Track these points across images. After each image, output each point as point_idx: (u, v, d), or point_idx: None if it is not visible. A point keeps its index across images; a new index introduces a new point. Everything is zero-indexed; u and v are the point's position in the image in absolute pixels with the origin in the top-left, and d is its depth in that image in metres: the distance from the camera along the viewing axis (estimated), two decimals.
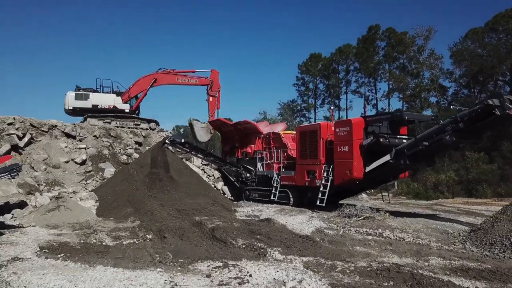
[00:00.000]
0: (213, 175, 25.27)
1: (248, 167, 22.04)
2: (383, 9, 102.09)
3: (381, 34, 50.09)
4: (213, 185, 24.55)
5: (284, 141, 19.60)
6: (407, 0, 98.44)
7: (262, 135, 21.27)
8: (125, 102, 26.59)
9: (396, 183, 37.65)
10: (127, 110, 26.74)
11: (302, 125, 18.03)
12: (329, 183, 15.55)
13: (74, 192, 17.70)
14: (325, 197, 15.47)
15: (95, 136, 22.47)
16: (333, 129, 16.05)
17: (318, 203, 15.63)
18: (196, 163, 25.31)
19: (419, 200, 29.58)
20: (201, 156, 21.12)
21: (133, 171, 18.11)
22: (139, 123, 26.73)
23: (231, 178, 23.60)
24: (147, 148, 25.08)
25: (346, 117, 62.84)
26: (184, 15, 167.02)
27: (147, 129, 26.92)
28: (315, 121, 63.79)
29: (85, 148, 20.91)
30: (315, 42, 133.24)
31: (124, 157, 22.60)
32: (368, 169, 14.55)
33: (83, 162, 20.03)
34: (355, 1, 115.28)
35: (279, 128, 23.03)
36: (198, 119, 26.30)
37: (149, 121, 27.31)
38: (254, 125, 21.67)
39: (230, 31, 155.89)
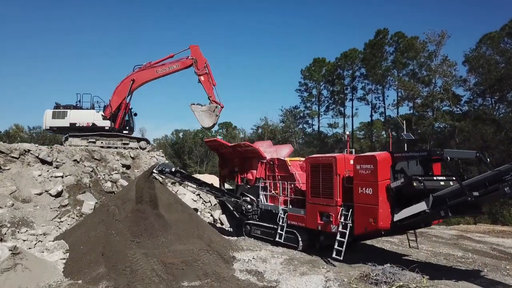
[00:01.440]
0: (209, 201, 22.63)
1: (249, 196, 19.37)
2: (390, 12, 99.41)
3: (390, 39, 47.38)
4: (209, 214, 21.92)
5: (291, 170, 16.89)
6: (415, 3, 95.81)
7: (265, 161, 18.58)
8: (108, 118, 23.78)
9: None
10: (107, 127, 23.89)
11: (313, 156, 15.24)
12: (347, 231, 12.85)
13: (44, 234, 15.04)
14: (343, 249, 12.78)
15: (75, 160, 19.76)
16: (351, 162, 13.41)
17: (334, 255, 12.94)
18: (190, 188, 22.63)
19: (438, 226, 26.94)
20: (194, 186, 18.39)
21: (114, 209, 15.35)
22: (128, 142, 23.97)
23: (230, 207, 20.95)
24: (136, 171, 22.45)
25: (352, 126, 60.52)
26: (183, 18, 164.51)
27: (136, 148, 24.20)
28: (318, 129, 61.52)
29: (62, 177, 18.21)
30: (318, 46, 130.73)
31: (109, 184, 19.90)
32: (397, 218, 11.86)
33: (58, 194, 17.33)
34: (360, 4, 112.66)
35: (285, 151, 20.36)
36: (200, 103, 23.91)
37: (138, 139, 24.56)
38: (256, 149, 18.95)
39: (232, 35, 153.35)
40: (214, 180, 25.22)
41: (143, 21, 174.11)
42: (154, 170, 16.77)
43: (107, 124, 23.75)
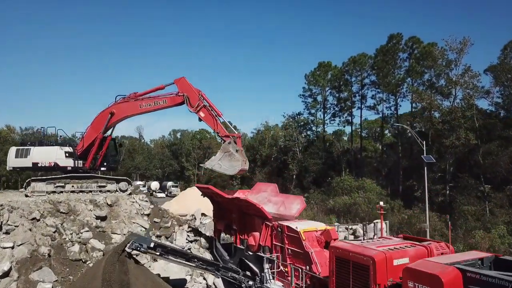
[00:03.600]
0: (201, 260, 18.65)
1: (251, 265, 15.50)
2: (401, 17, 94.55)
3: (404, 45, 43.19)
4: (201, 277, 18.02)
5: (306, 247, 12.95)
6: (430, 6, 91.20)
7: (271, 225, 14.68)
8: (79, 155, 19.74)
9: (428, 231, 31.24)
10: (69, 168, 19.85)
11: (339, 244, 11.22)
12: None
13: None
14: None
15: (34, 219, 15.85)
16: (396, 263, 9.56)
17: None
18: (179, 242, 18.76)
19: None
20: (182, 260, 14.41)
21: None
22: (104, 184, 19.97)
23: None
24: (113, 223, 18.54)
25: (360, 138, 55.94)
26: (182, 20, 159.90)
27: (116, 191, 20.23)
28: (323, 137, 57.21)
29: (12, 247, 14.29)
30: (324, 50, 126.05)
31: (76, 248, 15.97)
32: None
33: (5, 275, 13.43)
34: (370, 5, 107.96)
35: (295, 207, 16.36)
36: (211, 157, 19.35)
37: (118, 180, 20.54)
38: (259, 208, 15.01)
39: (233, 37, 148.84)
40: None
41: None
42: (126, 248, 12.84)
43: (69, 163, 19.69)
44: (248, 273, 15.40)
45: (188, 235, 19.34)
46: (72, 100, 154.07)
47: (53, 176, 19.22)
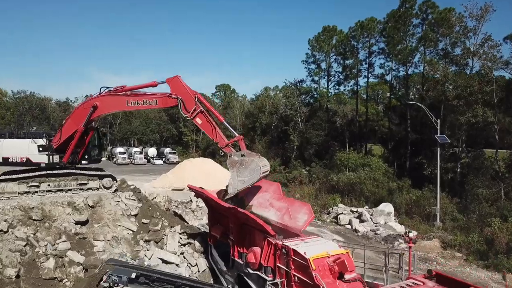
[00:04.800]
0: (196, 265, 16.78)
1: (250, 283, 13.57)
2: None
3: (418, 10, 39.51)
4: None
5: (316, 279, 10.85)
6: None
7: (274, 243, 12.57)
8: (56, 149, 17.34)
9: (439, 214, 29.44)
10: (43, 164, 17.41)
11: None
12: None
13: None
14: None
15: (0, 231, 13.71)
16: None
17: None
18: (170, 247, 16.78)
19: (483, 269, 21.50)
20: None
21: None
22: (85, 181, 17.69)
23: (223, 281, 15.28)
24: (96, 227, 16.45)
25: (366, 106, 52.83)
26: None
27: (98, 189, 17.98)
28: (327, 107, 54.31)
29: None
30: (330, 15, 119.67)
31: (51, 263, 13.94)
32: None
33: None
34: None
35: (302, 218, 14.20)
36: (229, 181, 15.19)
37: (101, 176, 18.23)
38: (260, 224, 12.84)
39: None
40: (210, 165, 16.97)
41: None
42: (103, 284, 10.77)
43: (43, 159, 17.35)
44: None
45: (181, 237, 17.31)
46: (68, 63, 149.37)
47: (27, 175, 16.84)
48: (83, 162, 18.39)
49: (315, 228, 29.75)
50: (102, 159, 19.63)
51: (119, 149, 77.27)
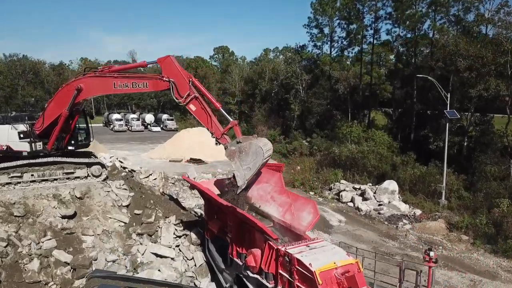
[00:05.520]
0: (192, 258, 15.85)
1: (250, 286, 12.63)
2: None
3: None
4: (192, 284, 15.27)
5: None
6: None
7: (276, 248, 11.48)
8: (39, 135, 15.95)
9: (444, 192, 28.47)
10: (25, 153, 16.00)
11: None
12: None
13: None
14: None
15: None
16: None
17: None
18: (165, 241, 15.77)
19: (491, 254, 20.75)
20: None
21: None
22: (72, 170, 16.40)
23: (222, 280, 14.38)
24: (85, 220, 15.36)
25: (371, 75, 50.40)
26: None
27: (86, 177, 16.73)
28: (329, 75, 51.97)
29: None
30: None
31: (35, 265, 12.93)
32: None
33: None
34: None
35: (306, 218, 13.01)
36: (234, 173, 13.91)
37: (89, 164, 16.91)
38: (261, 228, 11.69)
39: None
40: (208, 135, 15.21)
41: None
42: None
43: (25, 148, 15.96)
44: None
45: (176, 229, 16.29)
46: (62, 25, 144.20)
47: (6, 165, 15.47)
48: (70, 148, 17.01)
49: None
50: (91, 141, 18.23)
51: (116, 116, 75.71)
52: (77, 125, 17.41)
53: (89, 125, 17.96)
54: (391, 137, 36.75)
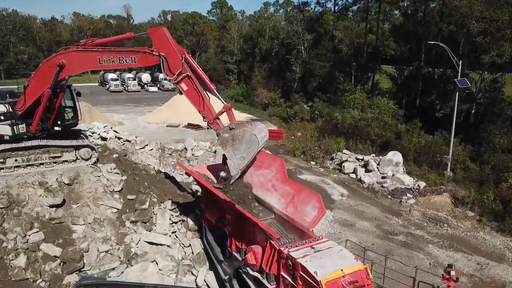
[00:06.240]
0: (189, 246, 15.17)
1: (250, 284, 11.95)
2: None
3: None
4: (189, 273, 14.65)
5: None
6: None
7: (279, 248, 10.65)
8: (21, 116, 14.72)
9: (450, 163, 27.57)
10: (7, 136, 14.70)
11: None
12: None
13: None
14: None
15: None
16: None
17: None
18: (160, 228, 15.00)
19: (497, 233, 20.20)
20: None
21: None
22: (59, 154, 15.26)
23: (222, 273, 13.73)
24: (74, 208, 14.50)
25: (377, 38, 47.61)
26: None
27: (74, 160, 15.64)
28: (332, 35, 49.15)
29: None
30: None
31: (22, 260, 12.15)
32: None
33: None
34: None
35: (309, 215, 11.98)
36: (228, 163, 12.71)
37: (77, 147, 15.73)
38: (262, 227, 10.80)
39: None
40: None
41: None
42: None
43: (6, 131, 14.69)
44: None
45: (172, 215, 15.47)
46: None
47: None
48: (56, 128, 15.82)
49: (317, 177, 28.17)
50: (79, 120, 17.03)
51: (112, 75, 73.51)
52: (62, 103, 16.16)
53: (76, 102, 16.66)
54: (396, 104, 35.34)
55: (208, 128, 13.81)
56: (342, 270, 9.67)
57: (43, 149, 14.96)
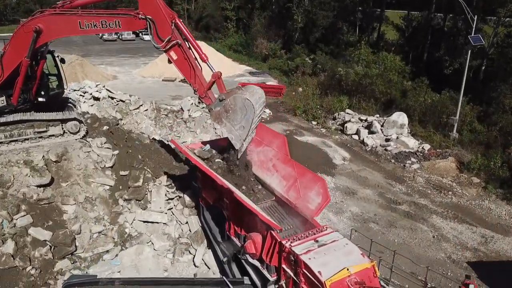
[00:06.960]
0: (187, 223, 14.60)
1: (251, 274, 11.43)
2: None
3: None
4: (187, 252, 14.19)
5: None
6: None
7: (280, 241, 9.99)
8: (0, 87, 13.51)
9: (456, 125, 26.63)
10: None
11: None
12: None
13: None
14: None
15: None
16: None
17: None
18: (156, 206, 14.34)
19: (503, 201, 19.73)
20: None
21: None
22: (45, 128, 14.17)
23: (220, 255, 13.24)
24: (64, 186, 13.73)
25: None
26: None
27: (61, 135, 14.59)
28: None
29: None
30: None
31: (10, 247, 11.53)
32: None
33: None
34: None
35: (313, 202, 11.16)
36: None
37: (64, 120, 14.59)
38: (263, 219, 10.05)
39: None
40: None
41: None
42: None
43: None
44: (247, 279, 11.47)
45: (168, 191, 14.76)
46: None
47: None
48: (40, 99, 14.64)
49: (319, 138, 27.32)
50: (65, 89, 15.80)
51: None
52: (45, 71, 14.86)
53: (61, 70, 15.34)
54: (403, 59, 33.60)
55: (199, 102, 12.71)
56: (348, 269, 9.03)
57: (28, 123, 13.88)
